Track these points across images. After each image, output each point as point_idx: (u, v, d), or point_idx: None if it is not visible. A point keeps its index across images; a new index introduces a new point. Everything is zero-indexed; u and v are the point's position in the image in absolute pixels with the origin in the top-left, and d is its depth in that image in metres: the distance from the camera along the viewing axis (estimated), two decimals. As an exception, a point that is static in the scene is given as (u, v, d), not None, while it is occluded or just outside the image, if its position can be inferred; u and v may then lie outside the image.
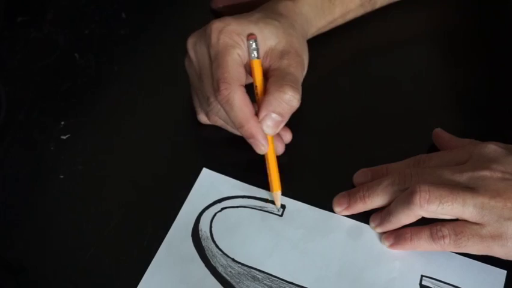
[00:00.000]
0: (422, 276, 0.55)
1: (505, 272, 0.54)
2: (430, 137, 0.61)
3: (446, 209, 0.52)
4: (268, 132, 0.57)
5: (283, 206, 0.59)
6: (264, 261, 0.56)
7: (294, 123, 0.64)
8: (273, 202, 0.59)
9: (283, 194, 0.59)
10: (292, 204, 0.59)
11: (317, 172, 0.61)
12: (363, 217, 0.57)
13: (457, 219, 0.53)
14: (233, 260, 0.56)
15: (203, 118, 0.63)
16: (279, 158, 0.59)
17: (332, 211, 0.58)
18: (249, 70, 0.59)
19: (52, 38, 0.73)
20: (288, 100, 0.56)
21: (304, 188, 0.60)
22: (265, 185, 0.60)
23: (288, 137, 0.62)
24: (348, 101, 0.66)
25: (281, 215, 0.58)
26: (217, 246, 0.57)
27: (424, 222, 0.54)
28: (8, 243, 0.58)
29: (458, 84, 0.67)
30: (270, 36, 0.59)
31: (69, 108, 0.65)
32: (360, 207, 0.57)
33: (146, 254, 0.56)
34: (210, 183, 0.60)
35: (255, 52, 0.58)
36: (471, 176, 0.53)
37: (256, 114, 0.57)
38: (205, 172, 0.61)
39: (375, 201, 0.56)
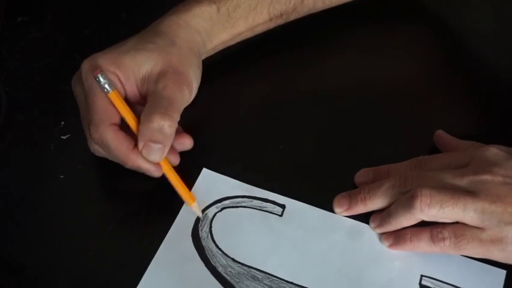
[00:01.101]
0: (421, 276, 0.55)
1: (505, 271, 0.54)
2: (432, 138, 0.61)
3: (447, 213, 0.52)
4: (154, 160, 0.56)
5: (283, 206, 0.59)
6: (264, 261, 0.56)
7: (295, 122, 0.65)
8: (273, 202, 0.59)
9: (284, 193, 0.59)
10: (292, 204, 0.59)
11: (317, 172, 0.61)
12: (364, 217, 0.57)
13: (457, 222, 0.53)
14: (233, 259, 0.56)
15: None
16: (274, 158, 0.59)
17: (332, 211, 0.58)
18: (135, 101, 0.58)
19: (52, 38, 0.73)
20: (158, 128, 0.55)
21: (304, 188, 0.60)
22: (265, 185, 0.60)
23: (187, 144, 0.60)
24: (349, 101, 0.66)
25: (281, 215, 0.58)
26: (217, 246, 0.57)
27: (424, 224, 0.54)
28: (8, 243, 0.58)
29: (461, 85, 0.67)
30: (145, 61, 0.57)
31: (69, 108, 0.65)
32: (361, 208, 0.57)
33: (146, 254, 0.56)
34: (210, 183, 0.60)
35: (106, 86, 0.56)
36: (472, 180, 0.53)
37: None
38: (205, 172, 0.61)
39: (376, 203, 0.56)
